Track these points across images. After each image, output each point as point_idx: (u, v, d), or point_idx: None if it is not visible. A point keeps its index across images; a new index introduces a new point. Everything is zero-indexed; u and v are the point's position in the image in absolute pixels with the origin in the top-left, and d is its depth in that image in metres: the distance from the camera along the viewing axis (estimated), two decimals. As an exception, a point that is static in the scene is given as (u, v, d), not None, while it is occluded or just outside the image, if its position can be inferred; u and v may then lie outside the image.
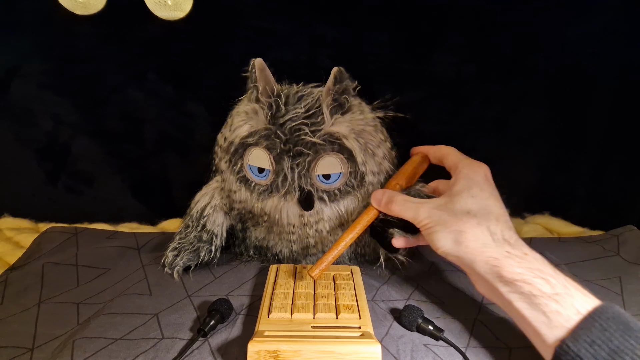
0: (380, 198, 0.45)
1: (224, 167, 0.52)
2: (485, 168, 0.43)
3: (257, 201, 0.50)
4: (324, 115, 0.47)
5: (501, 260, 0.35)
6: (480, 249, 0.36)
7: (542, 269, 0.34)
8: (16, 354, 0.41)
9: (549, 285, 0.33)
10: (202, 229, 0.53)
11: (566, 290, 0.33)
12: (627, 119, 0.67)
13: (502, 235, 0.37)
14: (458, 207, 0.39)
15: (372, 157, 0.49)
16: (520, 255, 0.35)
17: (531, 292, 0.33)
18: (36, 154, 0.71)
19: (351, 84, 0.47)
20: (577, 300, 0.32)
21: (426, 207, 0.41)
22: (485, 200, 0.39)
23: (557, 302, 0.32)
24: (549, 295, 0.33)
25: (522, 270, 0.34)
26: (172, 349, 0.40)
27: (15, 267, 0.57)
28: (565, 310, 0.32)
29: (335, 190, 0.49)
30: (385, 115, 0.51)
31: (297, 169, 0.47)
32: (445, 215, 0.39)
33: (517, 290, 0.34)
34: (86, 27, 0.63)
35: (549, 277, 0.34)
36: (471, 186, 0.40)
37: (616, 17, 0.62)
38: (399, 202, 0.43)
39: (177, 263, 0.52)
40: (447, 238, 0.38)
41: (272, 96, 0.47)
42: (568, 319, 0.32)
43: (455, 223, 0.38)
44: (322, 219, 0.50)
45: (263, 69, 0.47)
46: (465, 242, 0.37)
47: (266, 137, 0.47)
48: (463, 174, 0.42)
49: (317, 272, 0.44)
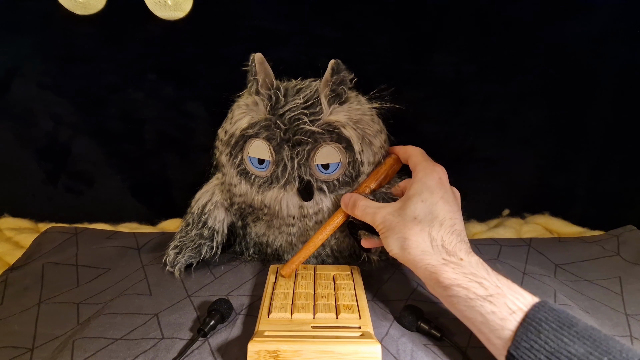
0: (347, 202, 0.48)
1: (224, 160, 0.53)
2: (440, 170, 0.44)
3: (257, 194, 0.51)
4: (322, 106, 0.48)
5: (438, 268, 0.37)
6: (420, 256, 0.38)
7: (476, 273, 0.36)
8: (16, 354, 0.41)
9: (482, 287, 0.35)
10: (203, 226, 0.54)
11: (498, 290, 0.35)
12: (627, 119, 0.67)
13: (441, 242, 0.38)
14: (407, 213, 0.40)
15: (369, 146, 0.50)
16: (456, 262, 0.37)
17: (467, 296, 0.35)
18: (36, 154, 0.71)
19: (348, 75, 0.48)
20: (509, 299, 0.34)
21: (382, 212, 0.43)
22: (434, 205, 0.40)
23: (491, 303, 0.34)
24: (484, 297, 0.34)
25: (457, 276, 0.36)
26: (172, 349, 0.40)
27: (15, 267, 0.57)
28: (499, 310, 0.33)
29: (334, 180, 0.50)
30: (381, 105, 0.52)
31: (296, 159, 0.48)
32: (395, 221, 0.41)
33: (455, 294, 0.36)
34: (86, 27, 0.63)
35: (482, 279, 0.35)
36: (422, 190, 0.41)
37: (616, 17, 0.62)
38: (360, 207, 0.46)
39: (178, 261, 0.53)
40: (395, 243, 0.40)
41: (272, 88, 0.49)
42: (503, 318, 0.33)
43: (402, 229, 0.40)
44: (321, 209, 0.51)
45: (262, 63, 0.48)
46: (408, 248, 0.39)
47: (266, 127, 0.48)
48: (418, 178, 0.43)
49: (288, 270, 0.49)
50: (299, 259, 0.49)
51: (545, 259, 0.59)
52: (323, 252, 0.55)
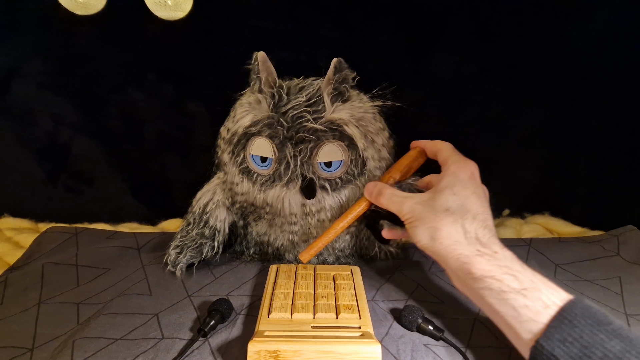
0: (372, 190, 0.47)
1: (226, 159, 0.53)
2: (472, 166, 0.43)
3: (259, 192, 0.51)
4: (325, 104, 0.48)
5: (471, 258, 0.37)
6: (452, 247, 0.38)
7: (510, 266, 0.36)
8: (16, 354, 0.41)
9: (517, 280, 0.34)
10: (205, 225, 0.54)
11: (533, 285, 0.34)
12: (627, 119, 0.67)
13: (475, 234, 0.38)
14: (438, 204, 0.40)
15: (371, 144, 0.50)
16: (490, 254, 0.37)
17: (500, 288, 0.35)
18: (36, 154, 0.71)
19: (350, 73, 0.49)
20: (544, 293, 0.33)
21: (410, 202, 0.42)
22: (466, 198, 0.40)
23: (525, 297, 0.33)
24: (517, 290, 0.34)
25: (491, 268, 0.36)
26: (172, 349, 0.40)
27: (15, 267, 0.57)
28: (533, 304, 0.33)
29: (336, 178, 0.50)
30: (383, 103, 0.52)
31: (299, 156, 0.48)
32: (425, 211, 0.40)
33: (487, 286, 0.35)
34: (86, 27, 0.63)
35: (517, 273, 0.35)
36: (455, 183, 0.41)
37: (616, 16, 0.62)
38: (386, 196, 0.45)
39: (180, 260, 0.53)
40: (424, 233, 0.40)
41: (275, 87, 0.49)
42: (536, 312, 0.33)
43: (432, 219, 0.39)
44: (324, 207, 0.51)
45: (265, 61, 0.49)
46: (439, 239, 0.38)
47: (269, 125, 0.48)
48: (450, 171, 0.43)
49: (306, 256, 0.47)
50: (318, 245, 0.47)
51: (545, 259, 0.59)
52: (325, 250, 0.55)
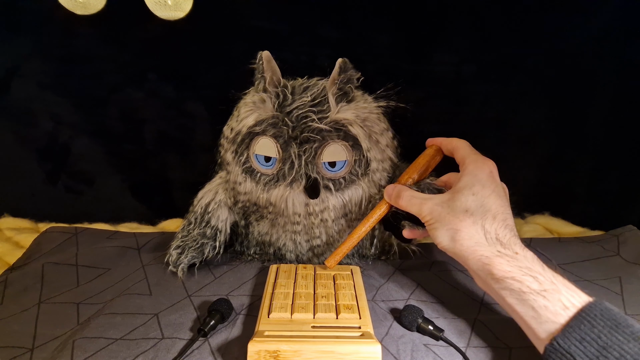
0: (391, 192, 0.47)
1: (229, 158, 0.53)
2: (490, 165, 0.43)
3: (262, 192, 0.51)
4: (330, 104, 0.48)
5: (492, 259, 0.37)
6: (473, 248, 0.38)
7: (531, 267, 0.36)
8: (16, 354, 0.41)
9: (537, 282, 0.35)
10: (206, 225, 0.54)
11: (553, 286, 0.34)
12: (627, 119, 0.67)
13: (495, 235, 0.38)
14: (458, 205, 0.40)
15: (376, 144, 0.50)
16: (511, 255, 0.37)
17: (520, 289, 0.35)
18: (36, 154, 0.71)
19: (355, 74, 0.49)
20: (564, 295, 0.34)
21: (429, 204, 0.42)
22: (486, 198, 0.40)
23: (544, 298, 0.34)
24: (537, 291, 0.34)
25: (512, 269, 0.36)
26: (172, 349, 0.40)
27: (15, 267, 0.57)
28: (552, 305, 0.33)
29: (340, 178, 0.50)
30: (387, 104, 0.52)
31: (304, 156, 0.48)
32: (444, 213, 0.40)
33: (507, 287, 0.36)
34: (86, 27, 0.63)
35: (537, 274, 0.35)
36: (474, 183, 0.41)
37: (616, 17, 0.62)
38: (405, 198, 0.45)
39: (181, 261, 0.52)
40: (444, 235, 0.40)
41: (279, 86, 0.49)
42: (555, 313, 0.33)
43: (452, 221, 0.39)
44: (327, 207, 0.51)
45: (270, 61, 0.49)
46: (460, 240, 0.39)
47: (273, 124, 0.49)
48: (468, 170, 0.42)
49: (332, 262, 0.49)
50: (342, 250, 0.49)
51: (546, 259, 0.59)
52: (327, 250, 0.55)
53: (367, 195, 0.52)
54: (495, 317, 0.46)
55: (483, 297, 0.49)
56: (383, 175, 0.52)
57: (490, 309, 0.47)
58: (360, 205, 0.52)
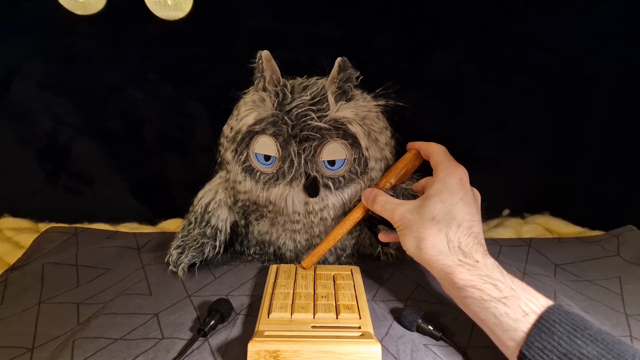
0: (368, 196, 0.48)
1: (229, 157, 0.53)
2: (462, 172, 0.43)
3: (262, 190, 0.51)
4: (329, 102, 0.48)
5: (453, 268, 0.37)
6: (436, 257, 0.38)
7: (490, 275, 0.36)
8: (16, 354, 0.41)
9: (497, 289, 0.35)
10: (206, 225, 0.54)
11: (513, 292, 0.35)
12: (627, 119, 0.67)
13: (458, 243, 0.38)
14: (426, 212, 0.40)
15: (375, 143, 0.51)
16: (471, 263, 0.37)
17: (481, 297, 0.35)
18: (36, 154, 0.71)
19: (354, 72, 0.49)
20: (523, 301, 0.34)
21: (401, 210, 0.43)
22: (453, 205, 0.40)
23: (505, 305, 0.34)
24: (498, 298, 0.35)
25: (472, 277, 0.36)
26: (172, 349, 0.40)
27: (15, 267, 0.57)
28: (512, 312, 0.34)
29: (339, 177, 0.50)
30: (386, 103, 0.52)
31: (303, 154, 0.49)
32: (413, 220, 0.41)
33: (469, 295, 0.36)
34: (86, 27, 0.63)
35: (497, 282, 0.36)
36: (443, 190, 0.41)
37: (616, 17, 0.62)
38: (380, 202, 0.46)
39: (182, 261, 0.52)
40: (411, 242, 0.41)
41: (279, 85, 0.49)
42: (516, 319, 0.33)
43: (419, 229, 0.40)
44: (327, 206, 0.51)
45: (269, 60, 0.49)
46: (424, 248, 0.39)
47: (273, 123, 0.49)
48: (439, 177, 0.43)
49: (309, 262, 0.50)
50: (319, 252, 0.50)
51: (545, 259, 0.59)
52: None
53: None
54: (495, 317, 0.46)
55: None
56: (380, 174, 0.52)
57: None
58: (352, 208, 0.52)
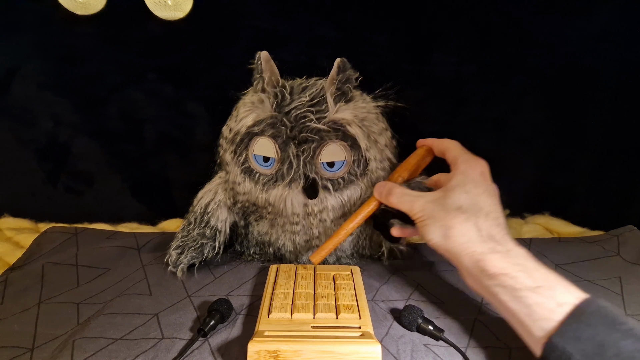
0: (382, 190, 0.47)
1: (228, 158, 0.53)
2: (483, 164, 0.43)
3: (261, 192, 0.51)
4: (328, 104, 0.48)
5: (485, 256, 0.36)
6: (466, 244, 0.38)
7: (524, 264, 0.36)
8: (16, 354, 0.41)
9: (530, 278, 0.34)
10: (206, 225, 0.54)
11: (548, 283, 0.34)
12: (627, 119, 0.67)
13: (488, 232, 0.38)
14: (450, 202, 0.40)
15: (374, 144, 0.50)
16: (504, 251, 0.37)
17: (514, 286, 0.34)
18: (36, 154, 0.71)
19: (353, 74, 0.49)
20: (558, 292, 0.33)
21: (421, 201, 0.42)
22: (478, 196, 0.40)
23: (538, 295, 0.33)
24: (531, 288, 0.34)
25: (505, 265, 0.36)
26: (172, 349, 0.40)
27: (15, 267, 0.57)
28: (546, 302, 0.33)
29: (339, 178, 0.50)
30: (386, 104, 0.52)
31: (302, 156, 0.48)
32: (437, 210, 0.40)
33: (501, 283, 0.35)
34: (86, 27, 0.63)
35: (531, 270, 0.35)
36: (466, 182, 0.41)
37: (616, 17, 0.62)
38: (397, 195, 0.45)
39: (181, 261, 0.53)
40: (436, 232, 0.40)
41: (278, 86, 0.49)
42: (550, 310, 0.33)
43: (445, 218, 0.39)
44: (326, 207, 0.51)
45: (268, 61, 0.49)
46: (452, 236, 0.38)
47: (272, 125, 0.48)
48: (460, 170, 0.43)
49: (318, 257, 0.47)
50: (329, 246, 0.47)
51: (545, 259, 0.59)
52: None
53: (365, 195, 0.51)
54: (495, 317, 0.46)
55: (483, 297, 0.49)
56: (382, 175, 0.52)
57: (490, 309, 0.47)
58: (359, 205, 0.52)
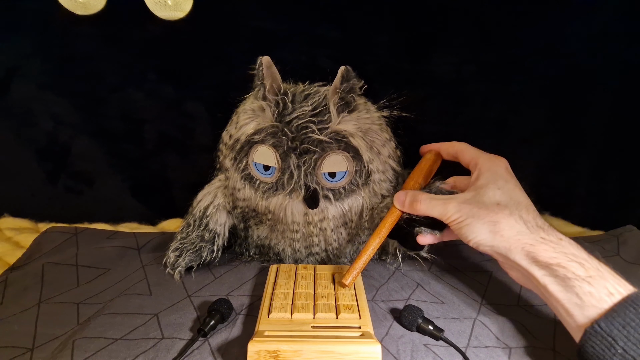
0: (404, 199, 0.46)
1: (228, 164, 0.52)
2: (504, 161, 0.44)
3: (261, 199, 0.50)
4: (331, 114, 0.47)
5: (537, 246, 0.37)
6: (515, 237, 0.38)
7: (576, 254, 0.36)
8: (16, 354, 0.41)
9: (582, 268, 0.34)
10: (205, 229, 0.53)
11: (599, 273, 0.34)
12: (627, 119, 0.67)
13: (535, 223, 0.38)
14: (487, 200, 0.40)
15: (377, 156, 0.49)
16: (555, 241, 0.37)
17: (565, 275, 0.35)
18: (36, 154, 0.71)
19: (358, 82, 0.47)
20: (609, 282, 0.33)
21: (454, 203, 0.42)
22: (512, 191, 0.40)
23: (590, 284, 0.34)
24: (583, 277, 0.34)
25: (557, 255, 0.36)
26: (172, 349, 0.40)
27: (15, 267, 0.57)
28: (597, 292, 0.33)
29: (340, 188, 0.49)
30: (390, 114, 0.51)
31: (303, 167, 0.47)
32: (475, 209, 0.40)
33: (552, 273, 0.35)
34: (86, 27, 0.63)
35: (583, 260, 0.35)
36: (496, 179, 0.41)
37: (616, 17, 0.62)
38: (424, 201, 0.44)
39: (179, 264, 0.52)
40: (481, 229, 0.39)
41: (279, 94, 0.48)
42: (600, 299, 0.33)
43: (487, 214, 0.39)
44: (326, 217, 0.50)
45: (270, 67, 0.47)
46: (500, 231, 0.38)
47: (273, 134, 0.47)
48: (485, 168, 0.43)
49: (350, 279, 0.45)
50: (359, 265, 0.45)
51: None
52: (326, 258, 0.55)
53: (367, 205, 0.51)
54: (495, 317, 0.46)
55: (483, 297, 0.49)
56: (384, 185, 0.51)
57: (490, 309, 0.47)
58: (360, 214, 0.51)
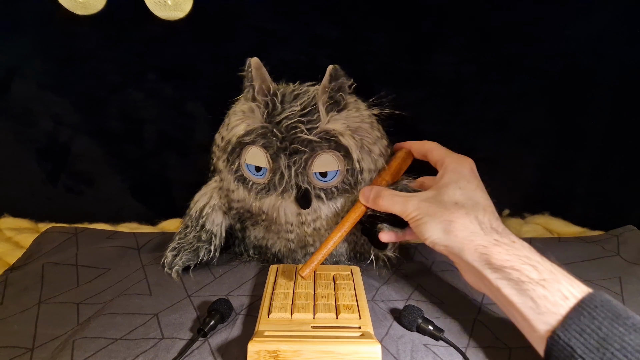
0: (368, 194, 0.46)
1: (221, 166, 0.52)
2: (470, 162, 0.44)
3: (255, 200, 0.50)
4: (320, 113, 0.46)
5: (490, 248, 0.36)
6: (469, 238, 0.37)
7: (529, 256, 0.35)
8: (16, 354, 0.41)
9: (536, 271, 0.34)
10: (201, 229, 0.54)
11: (553, 275, 0.34)
12: (627, 119, 0.67)
13: (490, 225, 0.38)
14: (446, 199, 0.40)
15: (368, 154, 0.49)
16: (508, 243, 0.36)
17: (519, 278, 0.34)
18: (36, 154, 0.71)
19: (347, 81, 0.47)
20: (563, 285, 0.33)
21: (414, 200, 0.42)
22: (472, 192, 0.40)
23: (544, 288, 0.33)
24: (536, 280, 0.33)
25: (510, 257, 0.35)
26: (172, 349, 0.40)
27: (15, 267, 0.57)
28: (551, 295, 0.33)
29: (332, 188, 0.49)
30: (381, 112, 0.51)
31: (293, 167, 0.47)
32: (433, 207, 0.40)
33: (506, 276, 0.35)
34: (86, 27, 0.63)
35: (536, 263, 0.35)
36: (458, 179, 0.41)
37: (616, 17, 0.62)
38: (386, 197, 0.44)
39: (176, 263, 0.53)
40: (436, 228, 0.39)
41: (269, 95, 0.47)
42: (555, 303, 0.32)
43: (444, 213, 0.39)
44: (319, 217, 0.50)
45: (259, 68, 0.47)
46: (454, 231, 0.38)
47: (263, 135, 0.47)
48: (450, 168, 0.43)
49: (307, 271, 0.45)
50: (317, 258, 0.46)
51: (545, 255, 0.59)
52: None
53: None
54: (495, 317, 0.46)
55: (483, 297, 0.49)
56: None
57: (490, 309, 0.47)
58: None
